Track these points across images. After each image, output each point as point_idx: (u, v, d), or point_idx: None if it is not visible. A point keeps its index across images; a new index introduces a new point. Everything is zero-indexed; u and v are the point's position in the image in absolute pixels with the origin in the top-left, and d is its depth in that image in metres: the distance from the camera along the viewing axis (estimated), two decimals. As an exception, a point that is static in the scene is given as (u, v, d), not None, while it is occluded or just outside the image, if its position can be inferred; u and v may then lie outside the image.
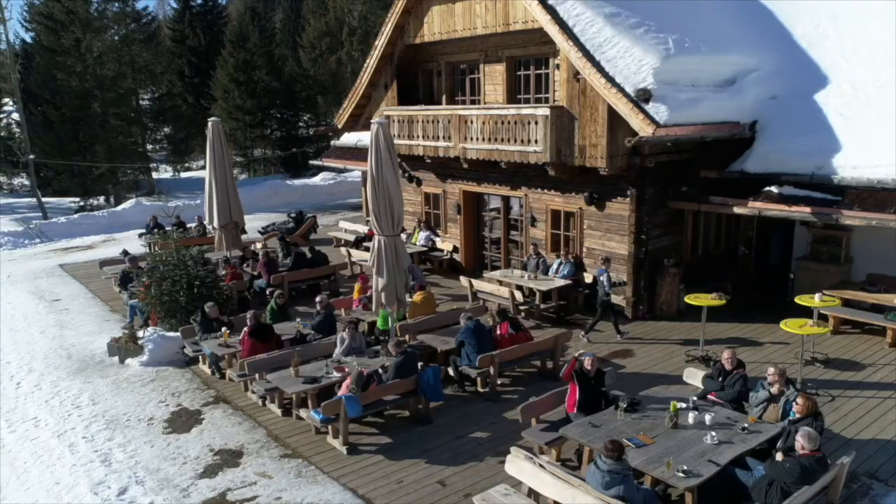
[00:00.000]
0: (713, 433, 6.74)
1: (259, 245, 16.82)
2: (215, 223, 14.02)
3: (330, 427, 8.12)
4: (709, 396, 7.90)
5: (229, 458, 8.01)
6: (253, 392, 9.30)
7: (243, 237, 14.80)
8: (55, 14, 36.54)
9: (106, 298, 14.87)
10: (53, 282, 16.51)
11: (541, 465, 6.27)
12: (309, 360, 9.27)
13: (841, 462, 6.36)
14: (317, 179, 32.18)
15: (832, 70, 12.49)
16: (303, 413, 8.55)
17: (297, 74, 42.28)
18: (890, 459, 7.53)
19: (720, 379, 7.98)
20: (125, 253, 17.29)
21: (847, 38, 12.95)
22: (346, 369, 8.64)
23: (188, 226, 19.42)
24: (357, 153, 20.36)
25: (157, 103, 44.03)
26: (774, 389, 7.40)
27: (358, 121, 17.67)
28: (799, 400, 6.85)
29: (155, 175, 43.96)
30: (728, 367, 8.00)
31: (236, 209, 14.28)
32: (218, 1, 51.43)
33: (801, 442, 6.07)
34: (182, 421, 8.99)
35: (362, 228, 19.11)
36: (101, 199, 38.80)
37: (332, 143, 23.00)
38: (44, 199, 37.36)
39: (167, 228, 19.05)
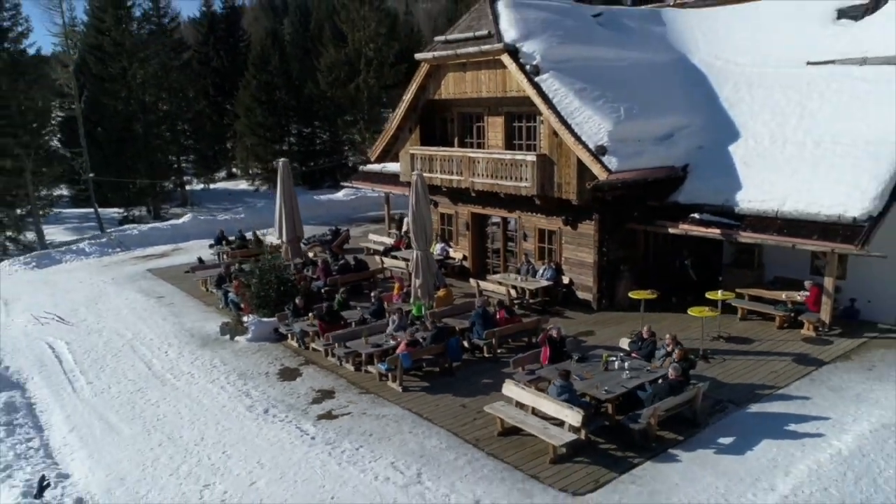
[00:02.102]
0: (627, 372, 11.25)
1: (311, 255, 21.30)
2: (284, 237, 18.62)
3: (389, 375, 12.62)
4: (632, 354, 12.40)
5: (325, 394, 12.51)
6: (334, 355, 13.78)
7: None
8: (104, 46, 41.11)
9: (197, 295, 19.37)
10: (149, 283, 21.02)
11: (523, 387, 10.78)
12: (371, 334, 13.78)
13: (697, 386, 10.87)
14: (339, 195, 36.63)
15: (743, 128, 17.01)
16: (370, 368, 13.05)
17: (316, 95, 46.61)
18: (746, 393, 11.99)
19: (639, 343, 12.49)
20: (200, 260, 21.91)
21: (756, 102, 17.47)
22: (398, 338, 13.14)
23: (247, 237, 23.96)
24: (380, 177, 24.90)
25: (190, 123, 48.45)
26: (669, 349, 11.90)
27: (387, 154, 22.18)
28: (678, 350, 11.37)
29: (187, 187, 48.38)
30: (645, 336, 12.53)
31: (298, 227, 18.92)
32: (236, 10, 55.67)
33: (671, 372, 10.59)
34: (288, 374, 13.50)
35: (388, 240, 23.65)
36: (143, 209, 43.13)
37: (360, 168, 27.55)
38: (88, 210, 42.01)
39: (231, 239, 23.72)
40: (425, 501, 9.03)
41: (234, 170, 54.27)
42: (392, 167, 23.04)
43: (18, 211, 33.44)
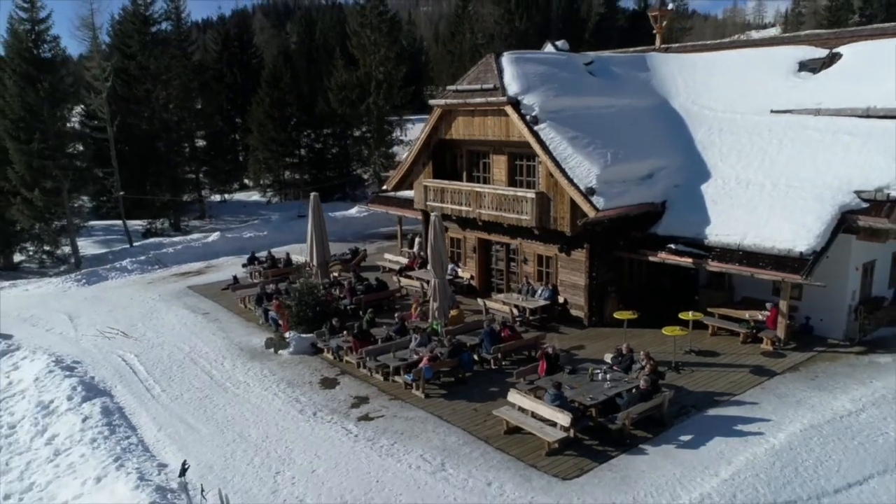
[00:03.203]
0: (608, 383, 13.93)
1: (335, 275, 23.94)
2: (314, 261, 21.29)
3: (414, 384, 15.29)
4: (613, 367, 15.08)
5: (361, 400, 15.19)
6: (366, 367, 16.44)
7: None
8: (130, 69, 43.83)
9: (237, 311, 22.04)
10: (192, 300, 23.69)
11: (524, 394, 13.47)
12: (397, 349, 16.45)
13: (664, 394, 13.55)
14: (352, 211, 39.29)
15: (713, 169, 19.69)
16: (397, 377, 15.73)
17: (327, 112, 49.20)
18: (706, 400, 14.64)
19: (619, 358, 15.18)
20: (235, 279, 24.60)
21: (725, 146, 20.17)
22: (421, 353, 15.82)
23: (276, 257, 26.63)
24: (395, 201, 27.58)
25: (208, 141, 51.13)
26: (643, 363, 14.58)
27: (403, 184, 24.85)
28: (649, 365, 14.05)
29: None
30: (624, 352, 15.22)
31: (327, 252, 21.61)
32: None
33: (642, 382, 13.28)
34: (328, 383, 16.18)
35: (403, 259, 26.32)
36: (165, 222, 45.70)
37: (376, 192, 30.30)
38: (112, 222, 44.72)
39: (262, 259, 26.40)
40: (449, 485, 11.71)
41: (245, 181, 56.83)
42: (406, 192, 25.75)
43: (56, 223, 36.06)
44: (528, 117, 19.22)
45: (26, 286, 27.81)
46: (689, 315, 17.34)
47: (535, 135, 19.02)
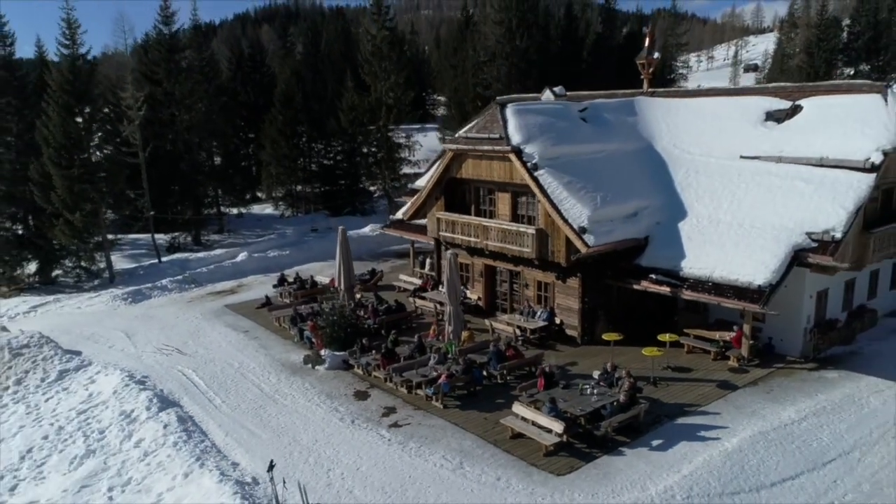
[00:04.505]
0: (595, 396, 16.97)
1: (358, 296, 26.96)
2: (342, 286, 24.37)
3: (434, 396, 18.31)
4: (599, 383, 18.10)
5: (390, 410, 18.21)
6: (392, 381, 19.46)
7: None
8: (156, 95, 46.88)
9: (273, 330, 25.06)
10: (231, 318, 26.73)
11: (525, 406, 16.52)
12: (419, 367, 19.49)
13: (640, 406, 16.59)
14: (366, 230, 42.28)
15: (690, 208, 22.71)
16: (419, 391, 18.75)
17: (337, 131, 52.18)
18: (677, 410, 17.65)
19: (605, 375, 18.22)
20: (267, 298, 27.65)
21: (701, 187, 23.19)
22: (439, 370, 18.85)
23: (303, 279, 29.67)
24: (408, 226, 30.58)
25: (224, 158, 54.18)
26: (624, 380, 17.61)
27: (418, 215, 27.88)
28: (629, 381, 17.10)
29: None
30: (609, 369, 18.26)
31: (353, 276, 24.66)
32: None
33: (622, 396, 16.33)
34: (360, 395, 19.21)
35: (417, 280, 29.36)
36: (187, 236, 48.64)
37: (391, 220, 33.41)
38: (136, 236, 47.76)
39: (291, 281, 29.42)
40: (467, 479, 14.74)
41: (258, 194, 59.80)
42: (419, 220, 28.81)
43: (92, 240, 39.09)
44: (529, 164, 22.25)
45: (77, 304, 30.86)
46: (666, 337, 20.38)
47: (535, 180, 22.05)
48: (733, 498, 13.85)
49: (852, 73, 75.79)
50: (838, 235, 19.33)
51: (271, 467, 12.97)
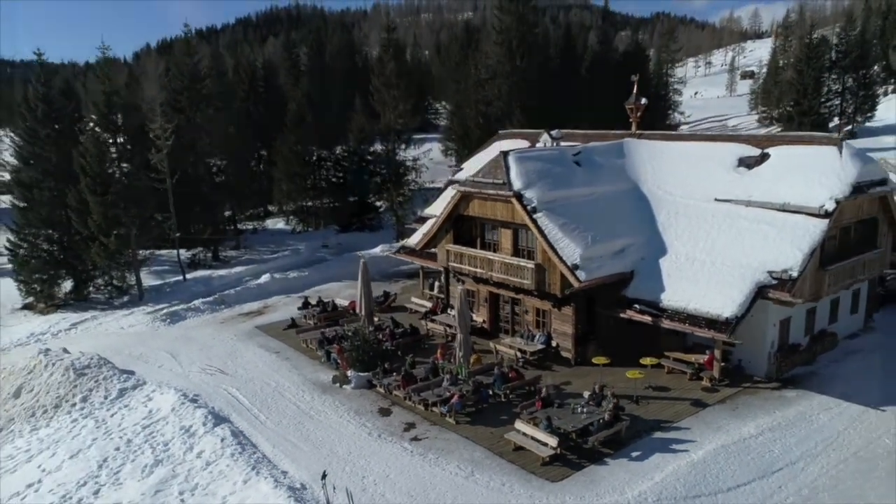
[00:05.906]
0: (584, 415, 20.13)
1: (376, 319, 30.12)
2: (363, 312, 27.55)
3: (448, 413, 21.45)
4: (589, 402, 21.25)
5: (410, 425, 21.35)
6: (411, 400, 22.59)
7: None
8: (179, 122, 49.99)
9: (301, 351, 28.17)
10: (262, 339, 29.85)
11: (525, 423, 19.69)
12: (434, 387, 22.63)
13: (622, 423, 19.76)
14: (377, 251, 45.36)
15: (670, 247, 25.84)
16: (435, 409, 21.89)
17: (347, 152, 55.30)
18: (654, 425, 20.77)
19: (594, 395, 21.37)
20: (293, 320, 30.80)
21: (680, 227, 26.33)
22: (452, 391, 21.99)
23: (325, 301, 32.82)
24: (418, 253, 33.70)
25: (241, 177, 57.25)
26: (609, 400, 20.76)
27: (428, 246, 31.04)
28: (613, 401, 20.25)
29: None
30: (597, 390, 21.43)
31: (372, 303, 27.85)
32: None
33: (607, 415, 19.50)
34: (384, 412, 22.34)
35: (427, 303, 32.51)
36: (206, 253, 51.66)
37: (402, 242, 36.55)
38: (159, 253, 50.80)
39: (314, 304, 32.56)
40: (477, 485, 17.89)
41: (270, 208, 62.82)
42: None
43: (122, 259, 42.24)
44: (528, 207, 25.42)
45: (114, 320, 33.99)
46: (647, 360, 23.55)
47: (535, 222, 25.22)
48: (695, 501, 17.01)
49: (840, 89, 79.40)
50: (795, 274, 22.50)
51: (324, 476, 16.10)
